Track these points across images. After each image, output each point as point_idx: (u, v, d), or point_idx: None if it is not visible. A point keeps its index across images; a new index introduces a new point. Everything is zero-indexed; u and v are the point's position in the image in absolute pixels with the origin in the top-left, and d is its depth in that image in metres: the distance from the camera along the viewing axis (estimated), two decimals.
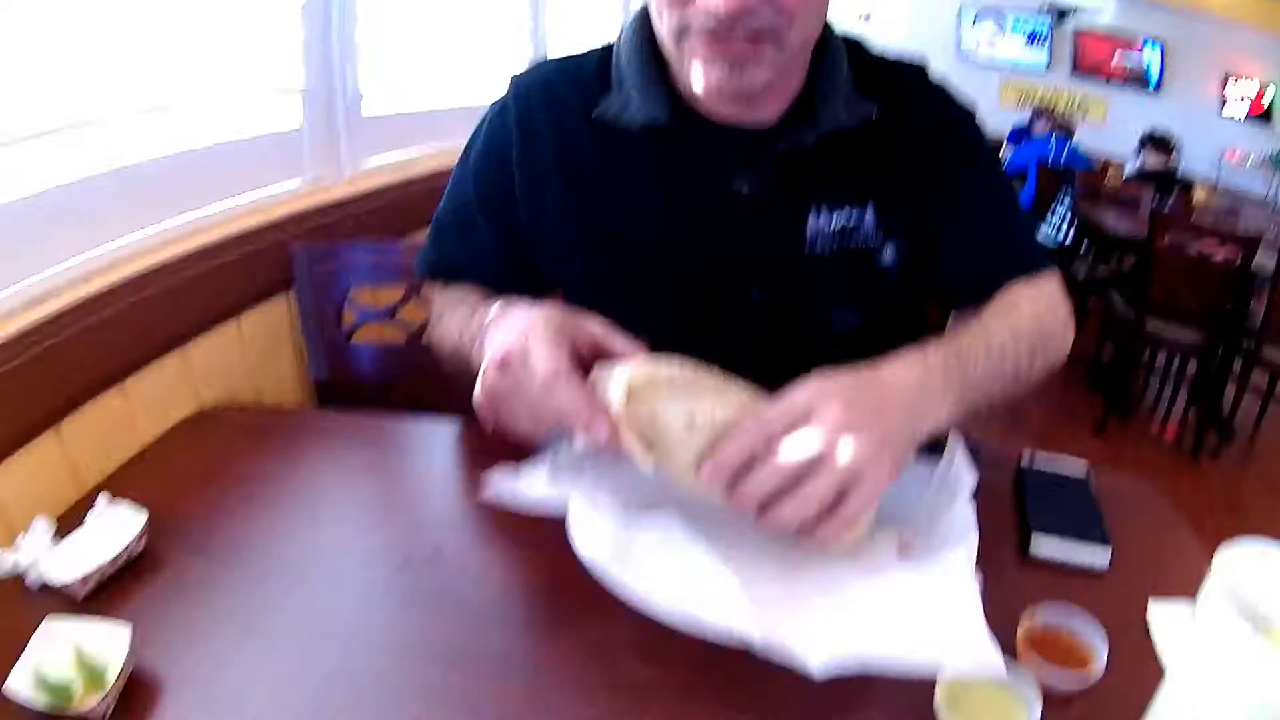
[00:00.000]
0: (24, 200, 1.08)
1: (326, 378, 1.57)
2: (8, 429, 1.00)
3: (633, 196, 1.03)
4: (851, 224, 1.02)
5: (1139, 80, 9.37)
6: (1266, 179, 8.91)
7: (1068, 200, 5.24)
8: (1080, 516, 0.93)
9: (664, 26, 0.92)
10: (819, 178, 1.01)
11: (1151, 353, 4.04)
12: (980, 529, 0.81)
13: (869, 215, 1.02)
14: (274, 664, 0.76)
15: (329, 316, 1.54)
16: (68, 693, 0.68)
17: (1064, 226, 5.21)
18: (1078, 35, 9.49)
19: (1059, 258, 5.03)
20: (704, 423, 0.75)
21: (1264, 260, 3.75)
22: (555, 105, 1.06)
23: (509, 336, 0.81)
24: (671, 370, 0.78)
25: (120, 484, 1.00)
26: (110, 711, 0.69)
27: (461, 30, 2.29)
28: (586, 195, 1.05)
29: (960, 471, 0.89)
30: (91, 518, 0.91)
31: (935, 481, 0.91)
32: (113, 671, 0.69)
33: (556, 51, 2.61)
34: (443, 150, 2.13)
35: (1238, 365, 3.90)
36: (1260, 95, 8.90)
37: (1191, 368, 4.03)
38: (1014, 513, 0.97)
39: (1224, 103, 8.99)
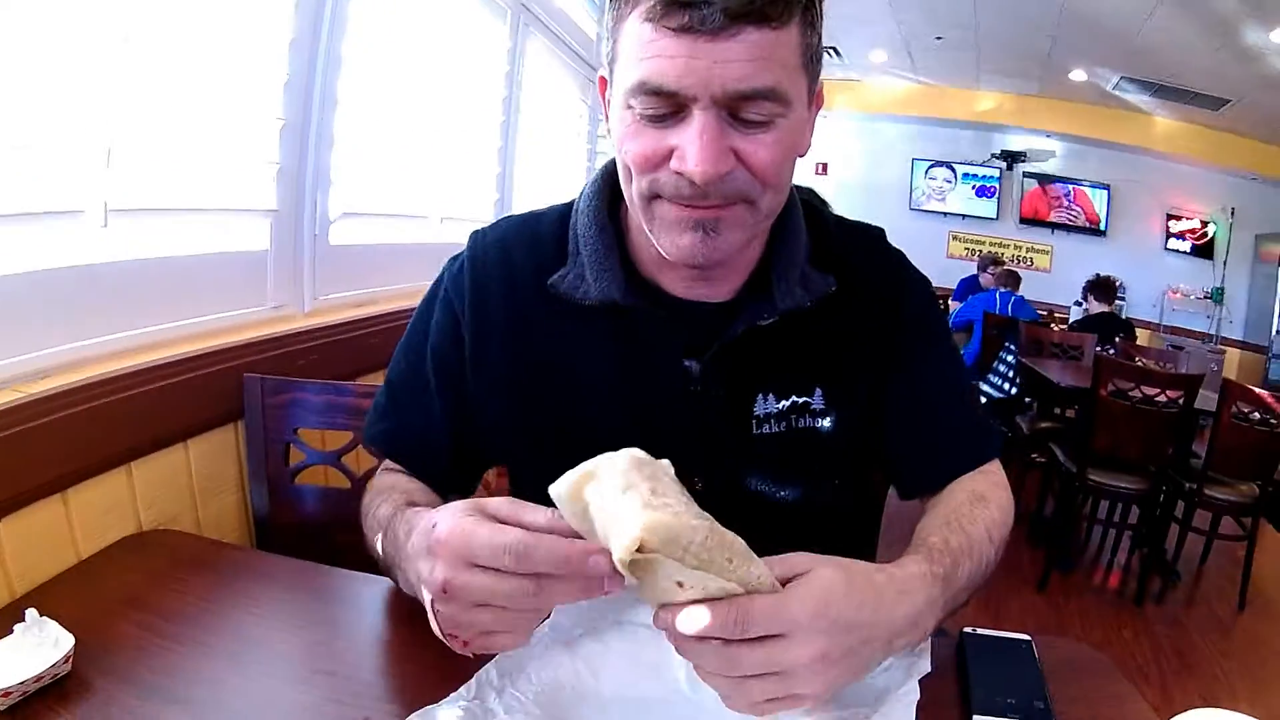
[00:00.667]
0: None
1: (267, 514, 1.55)
2: None
3: (581, 371, 1.02)
4: (799, 403, 1.02)
5: (1084, 226, 9.77)
6: (1208, 314, 9.28)
7: (1013, 353, 5.36)
8: (1023, 691, 0.88)
9: (633, 189, 0.91)
10: (770, 360, 1.02)
11: (1094, 502, 4.06)
12: (923, 702, 0.80)
13: (817, 394, 1.03)
14: None
15: (276, 453, 1.53)
16: None
17: (1009, 379, 5.33)
18: (1026, 182, 9.91)
19: (1005, 410, 5.16)
20: (696, 585, 0.66)
21: (1206, 397, 3.84)
22: (510, 269, 1.06)
23: (435, 562, 0.72)
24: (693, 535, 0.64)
25: (51, 598, 0.98)
26: None
27: (433, 167, 2.39)
28: (534, 368, 1.03)
29: (918, 656, 0.86)
30: (19, 630, 0.89)
31: (891, 663, 0.85)
32: None
33: (522, 197, 2.78)
34: (403, 291, 2.20)
35: (1181, 507, 3.95)
36: (1201, 230, 9.32)
37: (1135, 514, 4.06)
38: (957, 685, 0.92)
39: (1167, 239, 9.41)
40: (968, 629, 0.98)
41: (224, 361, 1.48)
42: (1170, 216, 9.52)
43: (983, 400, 5.53)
